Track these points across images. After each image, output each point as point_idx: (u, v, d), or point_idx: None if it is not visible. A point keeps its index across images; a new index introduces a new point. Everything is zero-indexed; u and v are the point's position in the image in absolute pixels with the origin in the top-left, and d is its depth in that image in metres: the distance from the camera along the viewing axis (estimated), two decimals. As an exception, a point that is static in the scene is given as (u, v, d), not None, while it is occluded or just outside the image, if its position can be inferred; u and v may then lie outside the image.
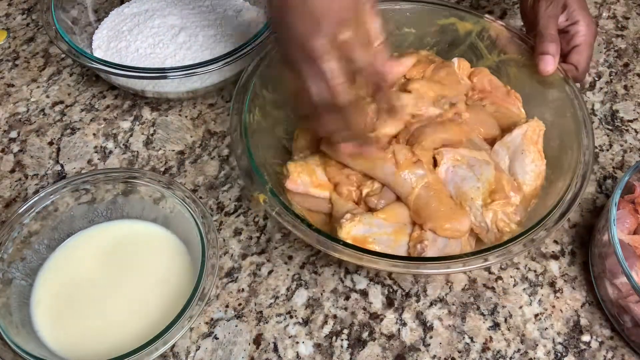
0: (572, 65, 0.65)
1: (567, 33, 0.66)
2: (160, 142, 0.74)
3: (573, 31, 0.65)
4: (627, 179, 0.60)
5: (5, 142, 0.74)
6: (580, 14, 0.65)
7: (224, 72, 0.74)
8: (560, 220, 0.54)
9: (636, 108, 0.78)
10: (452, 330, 0.60)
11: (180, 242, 0.62)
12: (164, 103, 0.78)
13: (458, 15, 0.71)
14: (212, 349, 0.58)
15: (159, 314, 0.57)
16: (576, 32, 0.65)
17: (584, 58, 0.65)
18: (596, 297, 0.61)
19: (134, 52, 0.77)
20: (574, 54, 0.65)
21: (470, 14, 0.71)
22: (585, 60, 0.65)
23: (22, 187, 0.70)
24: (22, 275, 0.58)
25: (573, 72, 0.65)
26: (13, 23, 0.87)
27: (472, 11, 0.71)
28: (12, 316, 0.55)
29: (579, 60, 0.65)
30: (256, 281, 0.63)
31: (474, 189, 0.58)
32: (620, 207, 0.60)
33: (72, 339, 0.56)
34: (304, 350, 0.58)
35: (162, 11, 0.81)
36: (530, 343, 0.59)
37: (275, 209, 0.55)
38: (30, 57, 0.83)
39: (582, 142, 0.60)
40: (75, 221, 0.63)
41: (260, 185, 0.56)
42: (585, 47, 0.65)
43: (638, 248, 0.58)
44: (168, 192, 0.61)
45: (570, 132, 0.61)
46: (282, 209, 0.54)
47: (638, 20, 0.88)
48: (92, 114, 0.77)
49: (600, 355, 0.58)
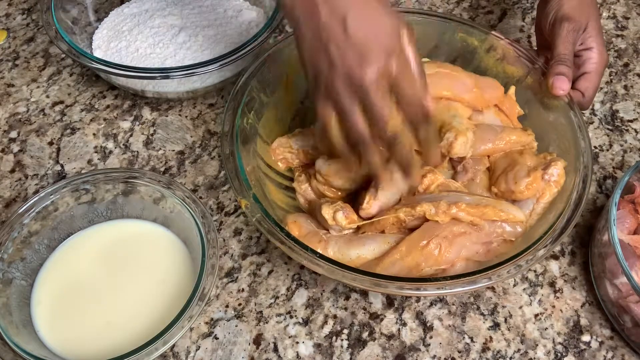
0: (579, 91, 0.64)
1: (579, 57, 0.65)
2: (160, 142, 0.74)
3: (585, 57, 0.64)
4: (627, 179, 0.60)
5: (5, 142, 0.74)
6: (595, 41, 0.64)
7: (224, 72, 0.74)
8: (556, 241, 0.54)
9: (636, 108, 0.78)
10: (452, 330, 0.60)
11: (180, 242, 0.62)
12: (164, 103, 0.78)
13: (467, 31, 0.69)
14: (212, 349, 0.58)
15: (159, 314, 0.57)
16: (588, 59, 0.64)
17: (592, 86, 0.64)
18: (596, 297, 0.61)
19: (134, 52, 0.77)
20: (583, 81, 0.64)
21: (477, 29, 0.69)
22: (593, 88, 0.64)
23: (22, 187, 0.70)
24: (22, 275, 0.58)
25: (579, 98, 0.64)
26: (13, 23, 0.87)
27: (479, 27, 0.70)
28: (12, 316, 0.55)
29: (588, 88, 0.64)
30: (256, 281, 0.63)
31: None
32: (620, 207, 0.60)
33: (72, 339, 0.56)
34: (304, 350, 0.58)
35: (162, 11, 0.81)
36: (530, 343, 0.59)
37: (255, 215, 0.54)
38: (30, 57, 0.83)
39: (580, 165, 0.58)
40: (75, 221, 0.63)
41: (244, 190, 0.55)
42: (595, 76, 0.64)
43: (638, 248, 0.58)
44: (168, 192, 0.61)
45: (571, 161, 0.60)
46: (262, 216, 0.54)
47: (638, 20, 0.88)
48: (92, 114, 0.77)
49: (600, 355, 0.58)
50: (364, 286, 0.51)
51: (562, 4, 0.65)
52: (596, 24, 0.65)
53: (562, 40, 0.63)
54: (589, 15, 0.64)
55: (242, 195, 0.55)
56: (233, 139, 0.59)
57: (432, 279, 0.52)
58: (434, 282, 0.51)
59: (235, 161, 0.57)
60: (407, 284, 0.51)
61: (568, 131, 0.61)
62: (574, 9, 0.64)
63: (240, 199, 0.55)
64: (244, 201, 0.55)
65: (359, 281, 0.51)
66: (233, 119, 0.60)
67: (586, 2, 0.65)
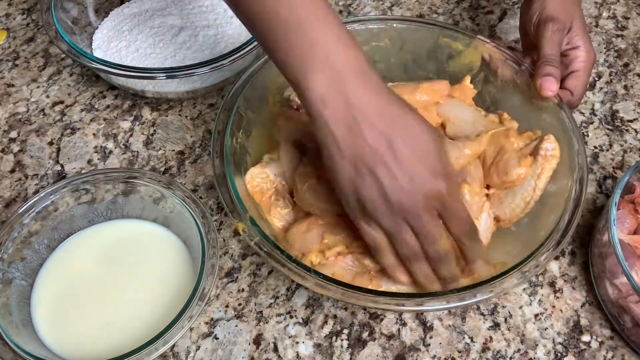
0: (568, 90, 0.64)
1: (567, 57, 0.65)
2: (160, 142, 0.74)
3: (573, 56, 0.65)
4: (627, 179, 0.60)
5: (5, 142, 0.74)
6: (582, 39, 0.64)
7: (224, 72, 0.74)
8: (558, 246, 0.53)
9: (636, 108, 0.78)
10: (452, 330, 0.60)
11: (180, 242, 0.62)
12: (164, 103, 0.78)
13: (451, 36, 0.69)
14: (212, 349, 0.58)
15: (159, 314, 0.57)
16: (576, 57, 0.64)
17: (581, 84, 0.64)
18: (596, 297, 0.61)
19: (134, 52, 0.77)
20: (572, 79, 0.64)
21: (463, 34, 0.68)
22: (582, 86, 0.64)
23: (22, 187, 0.70)
24: (22, 275, 0.58)
25: (568, 97, 0.64)
26: (13, 23, 0.87)
27: (464, 31, 0.69)
28: (12, 316, 0.55)
29: (576, 86, 0.64)
30: (256, 281, 0.63)
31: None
32: (620, 207, 0.60)
33: (72, 339, 0.57)
34: (304, 350, 0.58)
35: (162, 11, 0.81)
36: (530, 343, 0.59)
37: (254, 238, 0.52)
38: (30, 57, 0.83)
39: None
40: (75, 221, 0.63)
41: (240, 213, 0.54)
42: (583, 74, 0.64)
43: (638, 248, 0.58)
44: (168, 192, 0.61)
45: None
46: (262, 239, 0.52)
47: (638, 20, 0.88)
48: (92, 114, 0.77)
49: (600, 355, 0.58)
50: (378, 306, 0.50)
51: (545, 5, 0.65)
52: (581, 22, 0.65)
53: (547, 41, 0.63)
54: (572, 14, 0.65)
55: (239, 219, 0.54)
56: (223, 162, 0.57)
57: (437, 294, 0.50)
58: (439, 296, 0.50)
59: (228, 184, 0.56)
60: (409, 300, 0.50)
61: (560, 133, 0.61)
62: (557, 9, 0.64)
63: (237, 223, 0.53)
64: (241, 225, 0.53)
65: (371, 302, 0.49)
66: (222, 138, 0.58)
67: (569, 1, 0.66)
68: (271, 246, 0.52)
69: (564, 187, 0.58)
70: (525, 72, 0.66)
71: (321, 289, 0.50)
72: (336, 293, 0.50)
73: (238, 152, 0.60)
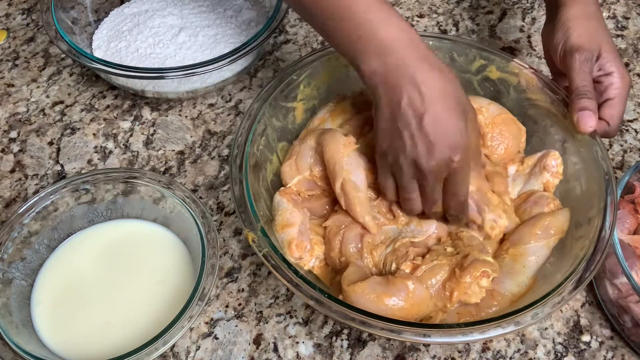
0: (604, 120, 0.59)
1: (600, 84, 0.60)
2: (160, 142, 0.74)
3: (607, 83, 0.60)
4: (627, 179, 0.60)
5: (5, 142, 0.74)
6: (614, 64, 0.60)
7: (224, 72, 0.74)
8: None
9: (636, 108, 0.78)
10: (452, 330, 0.59)
11: (180, 242, 0.62)
12: (164, 103, 0.78)
13: (488, 58, 0.66)
14: (212, 349, 0.58)
15: (159, 314, 0.57)
16: (610, 84, 0.60)
17: (618, 113, 0.59)
18: (596, 297, 0.61)
19: (134, 52, 0.77)
20: (607, 108, 0.59)
21: (500, 57, 0.66)
22: (619, 115, 0.60)
23: (22, 187, 0.70)
24: (22, 275, 0.58)
25: (604, 128, 0.59)
26: (13, 23, 0.87)
27: (502, 54, 0.67)
28: (12, 316, 0.55)
29: (612, 116, 0.59)
30: (256, 281, 0.63)
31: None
32: (620, 207, 0.60)
33: (72, 339, 0.57)
34: (304, 350, 0.58)
35: (162, 11, 0.81)
36: (530, 343, 0.59)
37: (263, 250, 0.52)
38: (30, 57, 0.83)
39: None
40: (75, 221, 0.63)
41: (252, 222, 0.54)
42: (619, 101, 0.60)
43: (638, 248, 0.58)
44: (168, 192, 0.61)
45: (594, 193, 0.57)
46: (270, 251, 0.52)
47: (638, 20, 0.88)
48: (92, 114, 0.77)
49: (600, 355, 0.58)
50: (381, 334, 0.49)
51: (569, 34, 0.61)
52: (610, 47, 0.61)
53: (577, 73, 0.59)
54: (599, 40, 0.60)
55: (250, 228, 0.53)
56: (241, 170, 0.57)
57: (456, 325, 0.49)
58: (458, 328, 0.49)
59: (244, 190, 0.55)
60: (430, 331, 0.48)
61: (593, 169, 0.58)
62: (582, 37, 0.60)
63: (247, 232, 0.53)
64: (250, 234, 0.53)
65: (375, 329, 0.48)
66: (244, 146, 0.58)
67: (594, 27, 0.61)
68: (280, 259, 0.52)
69: (592, 227, 0.55)
70: (561, 100, 0.63)
71: (327, 311, 0.49)
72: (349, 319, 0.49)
73: (259, 158, 0.60)
